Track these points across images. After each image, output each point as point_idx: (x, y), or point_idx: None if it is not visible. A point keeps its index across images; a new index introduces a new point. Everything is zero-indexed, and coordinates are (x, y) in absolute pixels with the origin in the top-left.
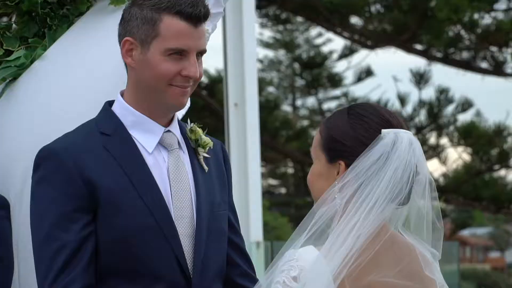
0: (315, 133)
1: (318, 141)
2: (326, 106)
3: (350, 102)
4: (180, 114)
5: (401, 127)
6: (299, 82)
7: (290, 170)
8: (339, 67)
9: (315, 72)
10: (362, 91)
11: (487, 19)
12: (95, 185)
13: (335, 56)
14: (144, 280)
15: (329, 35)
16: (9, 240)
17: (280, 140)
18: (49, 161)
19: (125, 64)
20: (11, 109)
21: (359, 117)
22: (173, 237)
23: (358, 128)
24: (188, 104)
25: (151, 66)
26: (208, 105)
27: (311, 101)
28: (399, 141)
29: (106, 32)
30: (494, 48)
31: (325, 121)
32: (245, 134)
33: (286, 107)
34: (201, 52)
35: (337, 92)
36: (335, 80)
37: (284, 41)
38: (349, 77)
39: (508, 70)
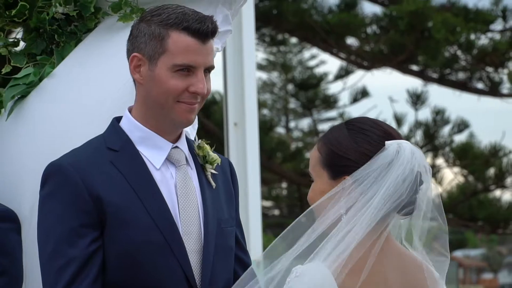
0: (311, 152)
1: (317, 159)
2: (321, 127)
3: None
4: (191, 134)
5: (401, 139)
6: (294, 103)
7: (284, 192)
8: (335, 88)
9: (310, 93)
10: (358, 111)
11: (483, 40)
12: (102, 201)
13: (330, 77)
14: None
15: (324, 56)
16: (16, 253)
17: (276, 161)
18: (56, 177)
19: (134, 80)
20: (20, 126)
21: (360, 130)
22: (181, 253)
23: (361, 142)
24: (196, 124)
25: (158, 82)
26: (204, 126)
27: (306, 122)
28: (402, 150)
29: (115, 49)
30: (490, 69)
31: (323, 138)
32: (245, 153)
33: (280, 129)
34: (208, 69)
35: (333, 113)
36: (330, 101)
37: (278, 62)
38: (344, 98)
39: (504, 91)
